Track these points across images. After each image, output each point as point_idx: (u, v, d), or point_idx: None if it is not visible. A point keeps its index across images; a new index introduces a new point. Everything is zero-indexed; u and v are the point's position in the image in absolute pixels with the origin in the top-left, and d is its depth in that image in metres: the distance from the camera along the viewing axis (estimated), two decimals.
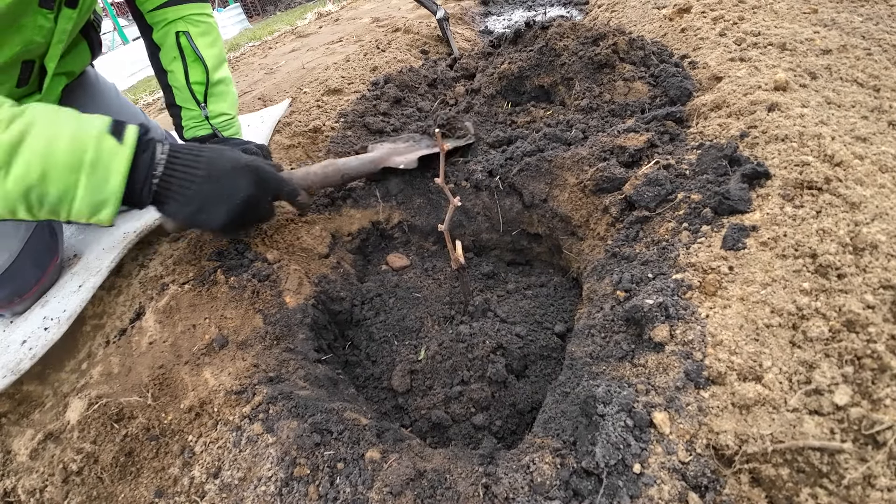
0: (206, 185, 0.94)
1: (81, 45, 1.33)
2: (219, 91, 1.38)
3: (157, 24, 1.34)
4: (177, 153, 0.94)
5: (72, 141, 0.83)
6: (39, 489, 0.85)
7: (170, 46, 1.33)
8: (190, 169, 0.94)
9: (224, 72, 1.40)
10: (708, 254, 0.84)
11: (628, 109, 1.38)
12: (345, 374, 1.07)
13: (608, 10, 2.66)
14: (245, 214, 1.00)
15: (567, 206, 1.21)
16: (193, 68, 1.33)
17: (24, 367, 1.01)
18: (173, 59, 1.33)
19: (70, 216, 0.88)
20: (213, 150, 0.99)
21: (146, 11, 1.33)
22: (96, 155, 0.84)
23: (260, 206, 1.04)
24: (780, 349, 0.67)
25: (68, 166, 0.83)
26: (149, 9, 1.32)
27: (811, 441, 0.57)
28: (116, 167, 0.86)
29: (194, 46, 1.32)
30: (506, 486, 0.67)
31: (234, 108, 1.45)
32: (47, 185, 0.82)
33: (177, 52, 1.32)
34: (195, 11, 1.35)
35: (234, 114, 1.44)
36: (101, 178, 0.85)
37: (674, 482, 0.60)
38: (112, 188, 0.87)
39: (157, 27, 1.34)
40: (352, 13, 4.21)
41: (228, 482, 0.78)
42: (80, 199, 0.85)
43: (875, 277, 0.69)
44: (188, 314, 1.04)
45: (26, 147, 0.80)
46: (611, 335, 0.83)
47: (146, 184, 0.91)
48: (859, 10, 1.65)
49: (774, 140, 1.00)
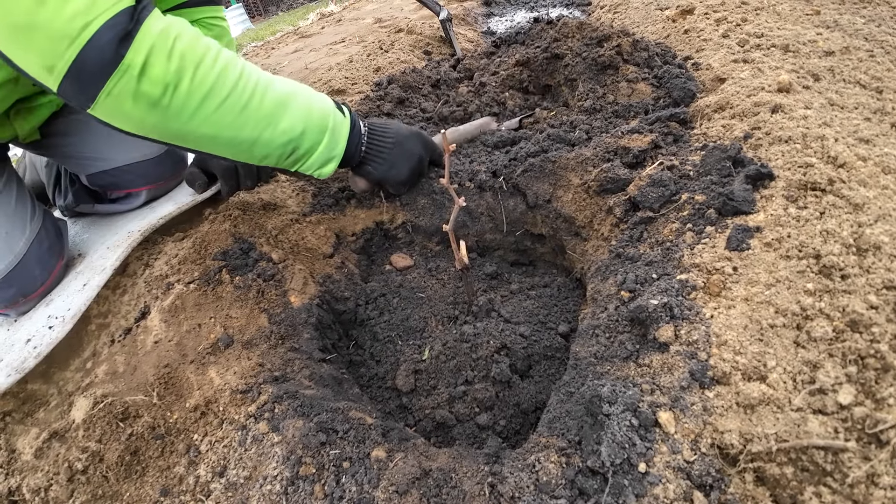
0: (395, 149, 1.20)
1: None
2: None
3: None
4: (373, 126, 1.20)
5: (321, 109, 1.05)
6: (44, 488, 0.85)
7: None
8: (383, 137, 1.19)
9: None
10: (712, 254, 0.84)
11: (632, 111, 1.38)
12: (349, 374, 1.07)
13: (611, 11, 2.66)
14: (419, 171, 1.28)
15: (571, 206, 1.21)
16: None
17: (28, 365, 1.01)
18: None
19: (304, 167, 1.08)
20: (393, 123, 1.24)
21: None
22: (334, 123, 1.07)
23: (424, 165, 1.30)
24: (785, 349, 0.67)
25: (319, 128, 1.04)
26: (162, 10, 1.32)
27: (815, 440, 0.57)
28: (344, 134, 1.10)
29: None
30: (511, 486, 0.68)
31: None
32: (303, 139, 1.02)
33: None
34: (209, 15, 1.36)
35: None
36: (335, 141, 1.08)
37: (679, 481, 0.61)
38: (339, 149, 1.10)
39: None
40: (354, 14, 4.22)
41: (234, 481, 0.78)
42: (318, 153, 1.06)
43: (878, 278, 0.70)
44: (193, 313, 1.04)
45: (293, 106, 0.99)
46: (615, 335, 0.83)
47: (357, 148, 1.15)
48: (862, 11, 1.66)
49: (778, 141, 1.00)
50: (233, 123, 0.92)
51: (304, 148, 1.03)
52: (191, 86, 0.85)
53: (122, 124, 0.88)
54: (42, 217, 1.21)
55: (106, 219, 1.41)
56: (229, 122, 0.92)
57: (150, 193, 1.41)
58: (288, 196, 1.40)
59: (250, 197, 1.35)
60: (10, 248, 1.12)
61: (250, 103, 0.93)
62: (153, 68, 0.81)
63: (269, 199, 1.36)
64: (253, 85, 0.93)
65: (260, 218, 1.29)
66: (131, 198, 1.40)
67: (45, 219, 1.22)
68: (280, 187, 1.43)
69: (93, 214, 1.44)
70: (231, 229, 1.23)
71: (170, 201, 1.41)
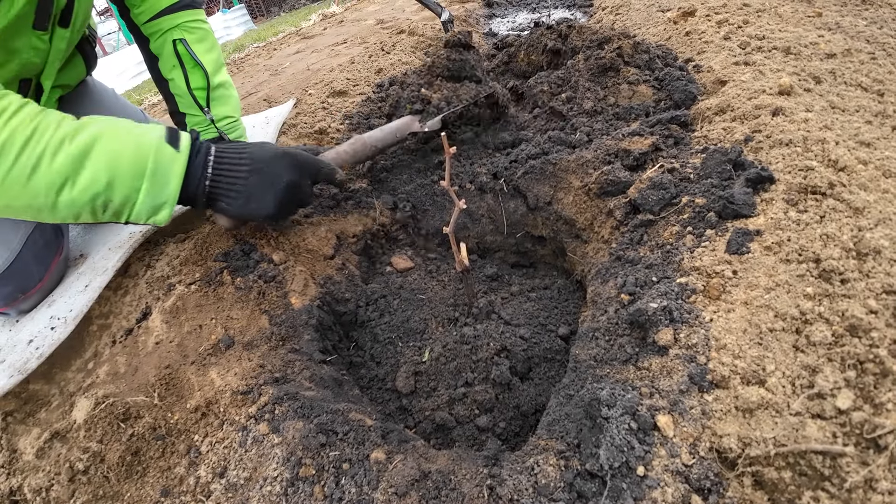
0: (251, 177, 1.02)
1: (76, 59, 1.36)
2: (220, 95, 1.40)
3: (153, 35, 1.35)
4: (222, 153, 1.01)
5: (135, 151, 0.91)
6: (46, 488, 0.85)
7: (168, 55, 1.34)
8: (236, 166, 1.01)
9: (224, 76, 1.42)
10: (712, 258, 0.84)
11: (633, 113, 1.38)
12: (349, 375, 1.07)
13: (612, 12, 2.66)
14: (290, 199, 1.07)
15: (571, 209, 1.21)
16: (193, 74, 1.35)
17: (31, 366, 1.02)
18: (173, 68, 1.35)
19: (130, 218, 0.96)
20: (253, 145, 1.06)
21: (141, 24, 1.35)
22: (156, 163, 0.92)
23: (301, 190, 1.09)
24: (784, 353, 0.67)
25: (132, 175, 0.90)
26: (143, 20, 1.34)
27: (814, 445, 0.57)
28: (175, 172, 0.94)
29: (192, 53, 1.34)
30: (510, 488, 0.68)
31: (238, 111, 1.47)
32: (113, 192, 0.90)
33: (175, 59, 1.34)
34: (190, 19, 1.36)
35: (237, 116, 1.46)
36: (161, 184, 0.94)
37: (677, 485, 0.61)
38: (170, 192, 0.95)
39: (153, 38, 1.36)
40: (356, 15, 4.22)
41: (234, 482, 0.79)
42: (140, 203, 0.93)
43: (878, 282, 0.70)
44: (194, 314, 1.04)
45: (93, 158, 0.87)
46: (615, 338, 0.83)
47: (200, 185, 0.99)
48: (863, 13, 1.66)
49: (779, 144, 1.00)
50: (24, 192, 0.85)
51: (117, 200, 0.91)
52: None
53: None
54: None
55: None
56: (19, 192, 0.85)
57: None
58: None
59: None
60: (6, 244, 1.12)
61: (39, 166, 0.84)
62: None
63: None
64: (43, 146, 0.85)
65: None
66: None
67: None
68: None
69: None
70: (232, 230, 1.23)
71: None
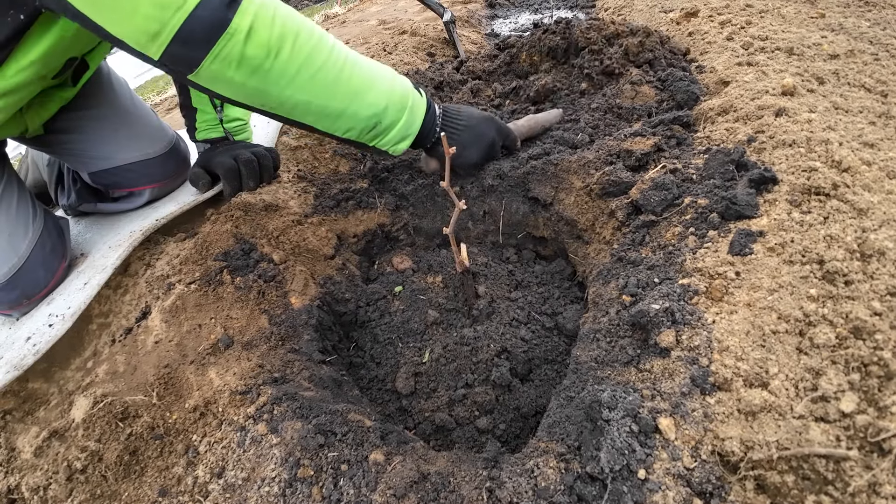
0: (467, 131, 1.21)
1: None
2: None
3: None
4: (447, 109, 1.21)
5: (403, 87, 1.08)
6: (43, 487, 0.85)
7: None
8: (456, 119, 1.20)
9: None
10: (715, 259, 0.84)
11: (635, 113, 1.38)
12: (349, 376, 1.07)
13: (615, 13, 2.66)
14: (489, 153, 1.29)
15: (573, 209, 1.21)
16: None
17: (27, 363, 1.01)
18: None
19: (381, 143, 1.10)
20: (465, 107, 1.24)
21: None
22: (413, 102, 1.09)
23: (496, 148, 1.30)
24: (787, 356, 0.66)
25: (399, 106, 1.07)
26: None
27: (817, 448, 0.57)
28: (420, 114, 1.12)
29: None
30: (510, 491, 0.67)
31: (248, 115, 1.47)
32: (385, 115, 1.05)
33: None
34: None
35: (246, 120, 1.46)
36: (412, 119, 1.10)
37: (679, 488, 0.60)
38: (415, 128, 1.12)
39: None
40: (358, 15, 4.22)
41: (232, 482, 0.78)
42: (396, 130, 1.09)
43: (882, 284, 0.69)
44: (194, 314, 1.04)
45: (378, 81, 1.03)
46: (616, 340, 0.83)
47: (431, 129, 1.16)
48: (867, 14, 1.65)
49: (782, 145, 1.00)
50: (325, 92, 0.96)
51: (385, 123, 1.06)
52: (291, 52, 0.89)
53: (222, 90, 0.91)
54: (44, 218, 1.21)
55: (108, 218, 1.41)
56: (322, 91, 0.96)
57: (153, 193, 1.41)
58: (290, 197, 1.40)
59: (252, 198, 1.35)
60: (14, 250, 1.12)
61: (341, 76, 0.96)
62: (258, 33, 0.84)
63: (270, 199, 1.36)
64: (343, 59, 0.97)
65: (261, 219, 1.29)
66: (134, 197, 1.40)
67: (47, 220, 1.22)
68: (282, 188, 1.43)
69: (95, 214, 1.44)
70: (233, 230, 1.23)
71: (172, 201, 1.41)
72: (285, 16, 0.89)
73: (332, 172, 1.56)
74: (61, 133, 1.33)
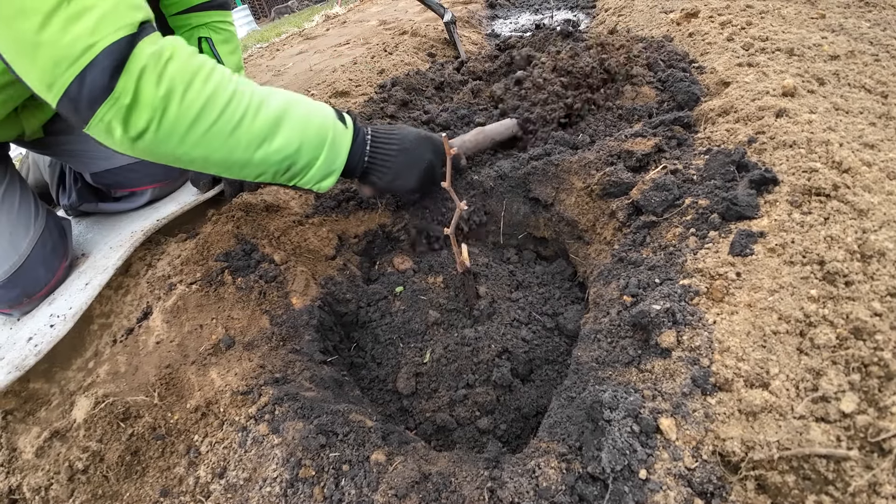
0: (400, 156, 1.13)
1: None
2: None
3: (179, 28, 1.35)
4: (377, 134, 1.13)
5: (320, 122, 1.01)
6: (45, 487, 0.85)
7: None
8: (388, 145, 1.13)
9: None
10: (715, 259, 0.84)
11: (636, 114, 1.38)
12: (350, 376, 1.07)
13: (615, 13, 2.66)
14: (429, 178, 1.18)
15: (574, 210, 1.21)
16: None
17: (28, 363, 1.02)
18: None
19: (302, 182, 1.04)
20: (400, 128, 1.17)
21: (169, 15, 1.34)
22: (334, 135, 1.02)
23: (436, 171, 1.20)
24: (788, 356, 0.67)
25: (316, 143, 1.00)
26: (172, 12, 1.33)
27: (817, 448, 0.57)
28: (344, 146, 1.05)
29: (216, 53, 1.34)
30: (511, 491, 0.67)
31: None
32: (299, 156, 0.99)
33: None
34: (218, 19, 1.36)
35: None
36: (334, 154, 1.04)
37: (680, 488, 0.60)
38: (340, 162, 1.05)
39: (179, 31, 1.36)
40: (359, 15, 4.23)
41: (234, 482, 0.78)
42: (316, 168, 1.02)
43: (882, 285, 0.69)
44: (195, 314, 1.04)
45: (288, 123, 0.96)
46: (617, 340, 0.83)
47: (360, 160, 1.09)
48: (867, 15, 1.65)
49: (782, 146, 1.00)
50: (224, 145, 0.91)
51: (300, 164, 1.00)
52: (179, 110, 0.84)
53: (115, 146, 0.87)
54: (45, 217, 1.21)
55: (109, 218, 1.41)
56: (220, 145, 0.90)
57: (155, 193, 1.41)
58: (291, 198, 1.41)
59: (253, 198, 1.35)
60: (15, 249, 1.12)
61: (241, 124, 0.90)
62: (142, 94, 0.81)
63: (272, 200, 1.36)
64: (245, 105, 0.91)
65: (263, 219, 1.29)
66: (135, 196, 1.41)
67: (49, 219, 1.22)
68: (283, 189, 1.44)
69: (96, 214, 1.45)
70: (234, 230, 1.23)
71: (173, 201, 1.41)
72: (177, 70, 0.83)
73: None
74: (61, 134, 1.33)
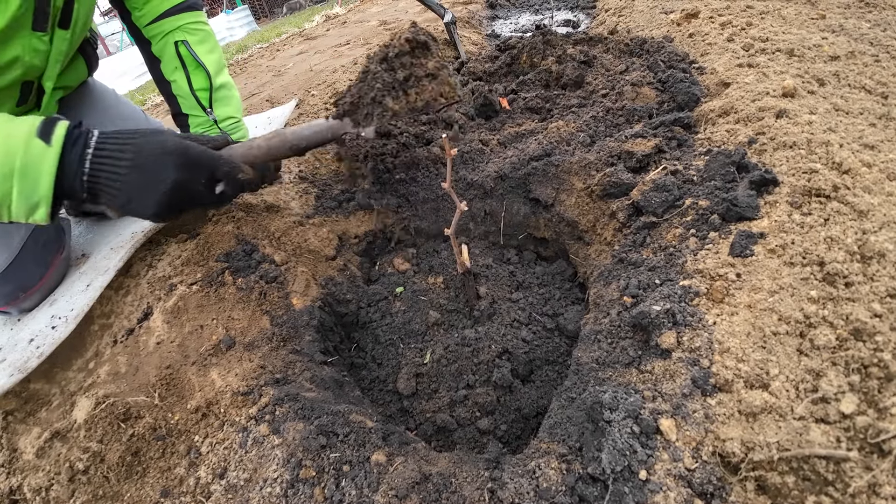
0: (131, 174, 0.91)
1: (78, 61, 1.35)
2: (223, 96, 1.40)
3: (154, 38, 1.36)
4: (103, 145, 0.91)
5: (3, 151, 0.84)
6: (45, 487, 0.85)
7: (170, 57, 1.34)
8: (115, 160, 0.91)
9: (225, 77, 1.42)
10: (715, 260, 0.84)
11: (636, 114, 1.38)
12: (350, 377, 1.07)
13: (615, 14, 2.66)
14: (177, 200, 0.94)
15: (574, 210, 1.21)
16: (196, 75, 1.35)
17: (31, 365, 1.02)
18: (175, 69, 1.35)
19: (10, 218, 0.90)
20: (144, 135, 0.94)
21: (143, 26, 1.35)
22: (25, 161, 0.85)
23: (193, 190, 0.96)
24: (788, 357, 0.67)
25: (1, 176, 0.85)
26: (145, 23, 1.34)
27: (817, 449, 0.57)
28: (46, 169, 0.87)
29: (194, 54, 1.34)
30: (511, 491, 0.67)
31: (240, 112, 1.47)
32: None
33: (177, 61, 1.34)
34: (191, 20, 1.36)
35: (239, 117, 1.46)
36: (32, 182, 0.87)
37: (680, 489, 0.60)
38: (43, 191, 0.88)
39: (154, 40, 1.36)
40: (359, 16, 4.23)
41: (234, 483, 0.78)
42: (15, 203, 0.87)
43: (882, 286, 0.69)
44: (196, 315, 1.04)
45: None
46: (617, 341, 0.83)
47: (77, 180, 0.90)
48: (867, 16, 1.65)
49: (782, 147, 1.00)
50: None
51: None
52: None
53: None
54: None
55: (110, 219, 1.41)
56: None
57: None
58: (291, 198, 1.41)
59: (254, 199, 1.35)
60: (6, 245, 1.12)
61: None
62: None
63: (272, 201, 1.36)
64: None
65: (263, 220, 1.29)
66: None
67: None
68: (284, 189, 1.44)
69: (97, 214, 1.45)
70: (234, 231, 1.23)
71: None
72: None
73: (334, 173, 1.56)
74: None
